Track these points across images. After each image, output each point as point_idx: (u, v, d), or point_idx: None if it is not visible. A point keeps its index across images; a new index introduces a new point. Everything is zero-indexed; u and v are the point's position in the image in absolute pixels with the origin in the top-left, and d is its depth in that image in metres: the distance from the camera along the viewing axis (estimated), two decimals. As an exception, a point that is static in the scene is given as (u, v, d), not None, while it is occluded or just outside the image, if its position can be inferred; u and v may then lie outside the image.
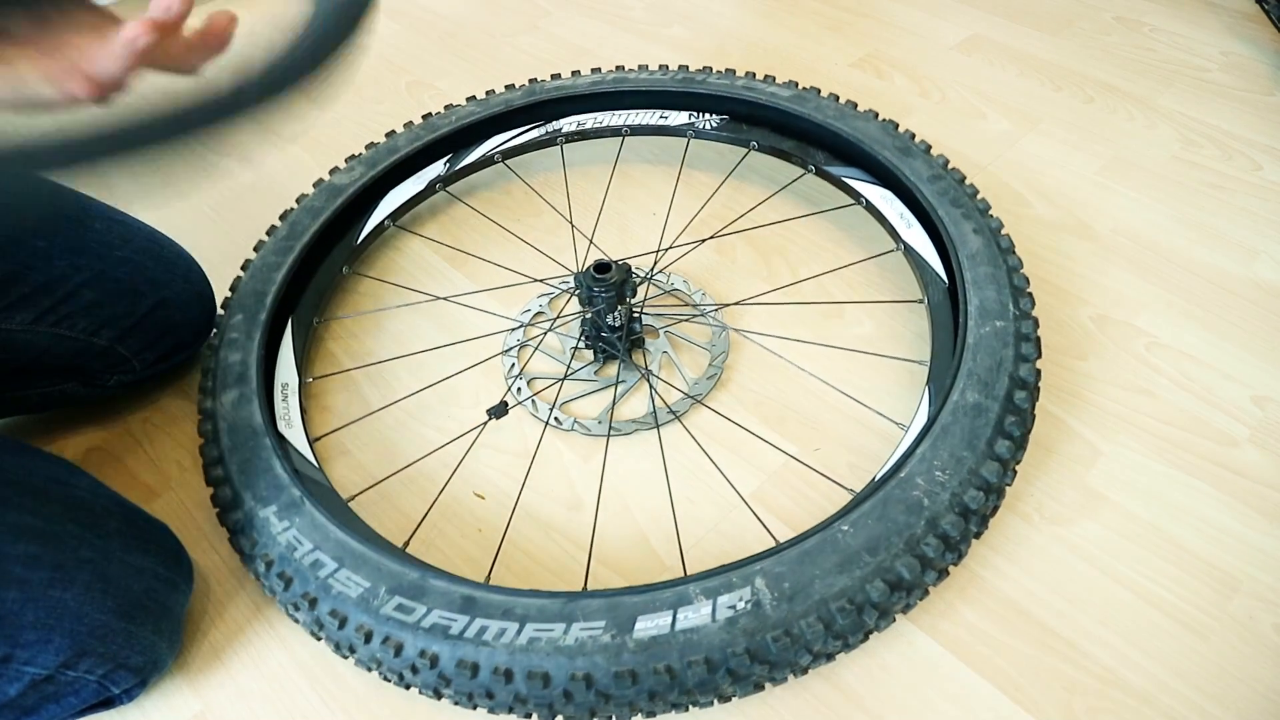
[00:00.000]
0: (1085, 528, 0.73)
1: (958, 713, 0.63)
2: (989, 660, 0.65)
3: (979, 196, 0.86)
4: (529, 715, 0.59)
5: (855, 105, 0.98)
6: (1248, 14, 1.33)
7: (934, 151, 0.92)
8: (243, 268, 0.86)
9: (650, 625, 0.57)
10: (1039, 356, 0.73)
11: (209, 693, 0.66)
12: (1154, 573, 0.70)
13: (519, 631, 0.57)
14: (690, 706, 0.59)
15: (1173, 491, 0.75)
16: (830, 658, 0.61)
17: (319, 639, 0.63)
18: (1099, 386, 0.83)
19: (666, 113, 1.05)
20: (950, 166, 0.89)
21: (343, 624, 0.60)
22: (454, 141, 1.01)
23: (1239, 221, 0.99)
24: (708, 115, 1.04)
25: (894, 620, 0.65)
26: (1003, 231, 0.83)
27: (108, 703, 0.62)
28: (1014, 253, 0.81)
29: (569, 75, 1.07)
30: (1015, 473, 0.69)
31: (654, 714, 0.58)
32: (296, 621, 0.64)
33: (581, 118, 1.05)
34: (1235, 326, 0.88)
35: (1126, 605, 0.68)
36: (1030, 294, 0.78)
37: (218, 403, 0.74)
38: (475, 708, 0.60)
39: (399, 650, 0.58)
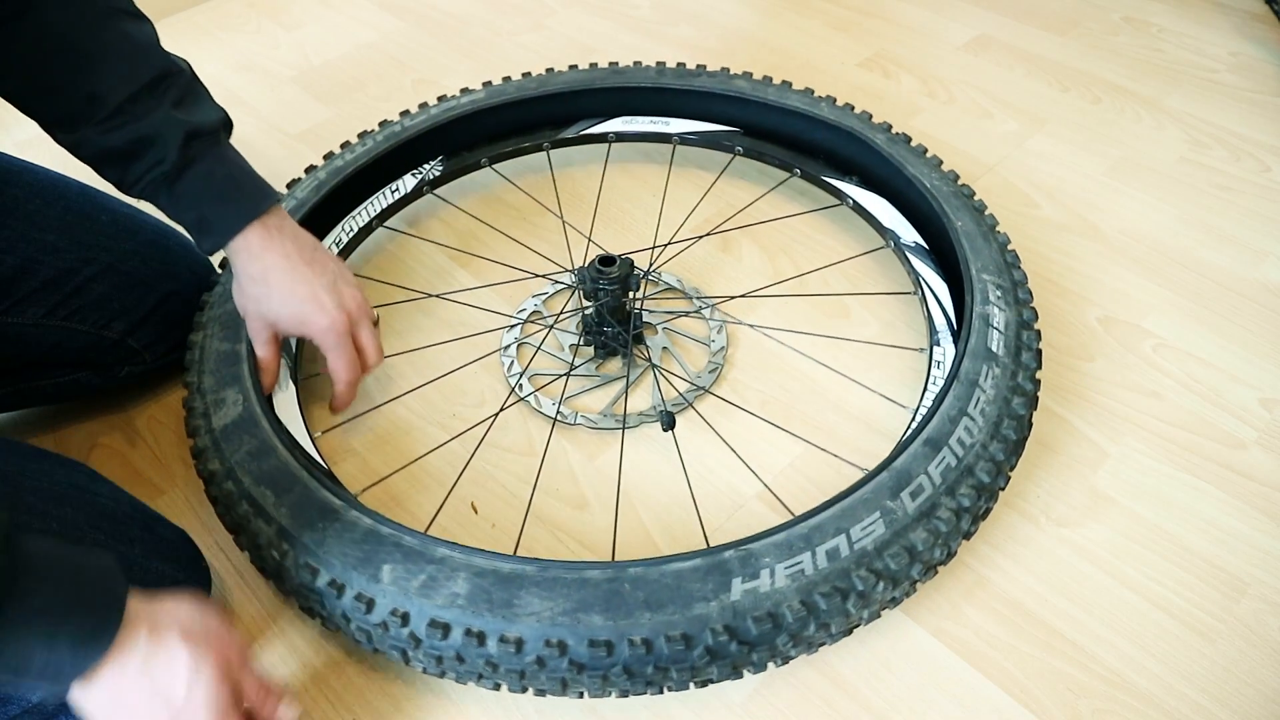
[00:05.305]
0: (1091, 530, 0.73)
1: (961, 713, 0.63)
2: (994, 661, 0.65)
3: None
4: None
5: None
6: (1256, 14, 1.33)
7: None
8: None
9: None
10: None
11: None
12: (1160, 575, 0.70)
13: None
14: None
15: (1180, 494, 0.75)
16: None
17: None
18: (1105, 388, 0.83)
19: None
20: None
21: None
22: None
23: (1247, 223, 0.99)
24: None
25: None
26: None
27: None
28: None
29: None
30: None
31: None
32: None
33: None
34: (1243, 328, 0.88)
35: (1133, 608, 0.68)
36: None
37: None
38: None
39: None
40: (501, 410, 0.82)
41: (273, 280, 0.71)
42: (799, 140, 1.00)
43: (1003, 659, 0.65)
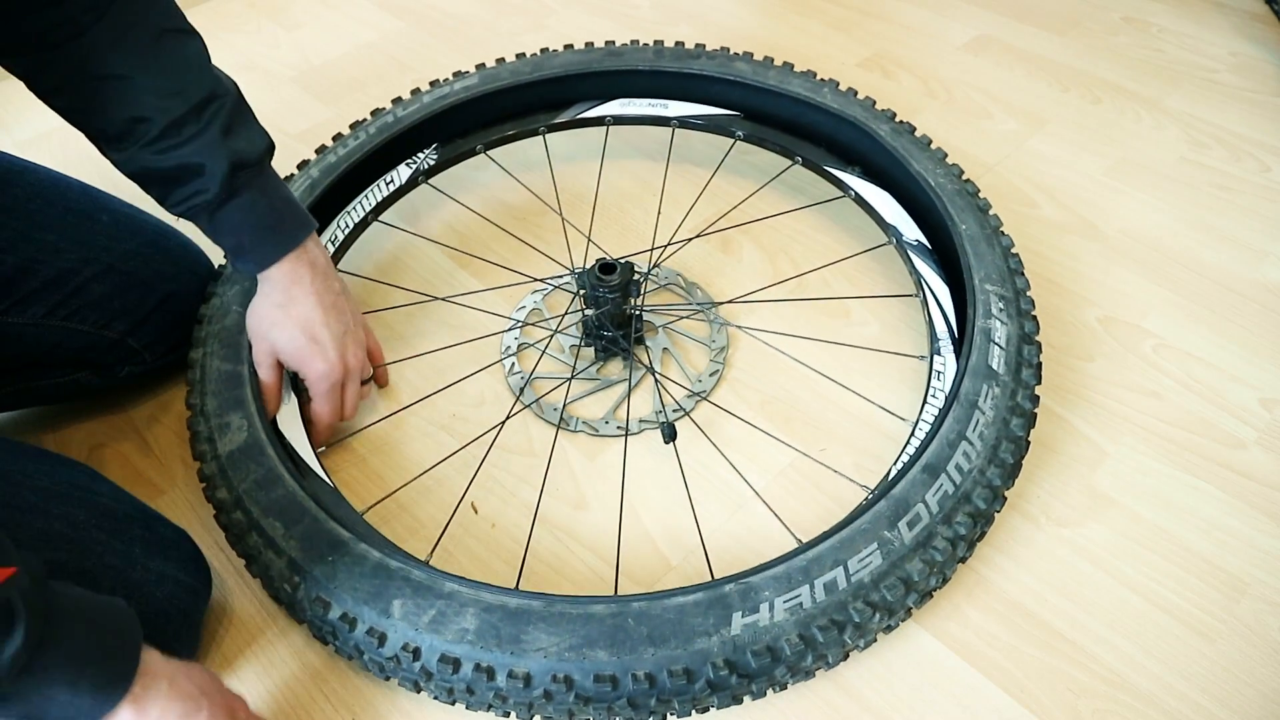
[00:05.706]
0: (1091, 530, 0.73)
1: (963, 715, 0.63)
2: (994, 662, 0.65)
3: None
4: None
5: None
6: (1256, 14, 1.33)
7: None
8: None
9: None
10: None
11: (213, 689, 0.66)
12: (1161, 575, 0.70)
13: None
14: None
15: (1179, 494, 0.75)
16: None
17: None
18: (1105, 388, 0.83)
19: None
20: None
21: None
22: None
23: (1247, 223, 0.99)
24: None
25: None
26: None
27: None
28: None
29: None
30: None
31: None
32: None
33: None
34: (1242, 328, 0.88)
35: (1133, 608, 0.68)
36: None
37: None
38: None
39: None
40: (507, 419, 0.82)
41: (291, 314, 0.73)
42: (800, 125, 0.99)
43: (1003, 659, 0.65)
